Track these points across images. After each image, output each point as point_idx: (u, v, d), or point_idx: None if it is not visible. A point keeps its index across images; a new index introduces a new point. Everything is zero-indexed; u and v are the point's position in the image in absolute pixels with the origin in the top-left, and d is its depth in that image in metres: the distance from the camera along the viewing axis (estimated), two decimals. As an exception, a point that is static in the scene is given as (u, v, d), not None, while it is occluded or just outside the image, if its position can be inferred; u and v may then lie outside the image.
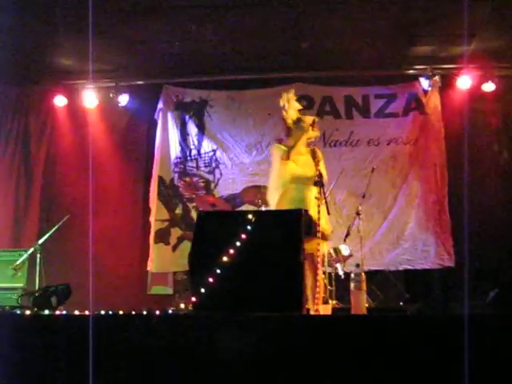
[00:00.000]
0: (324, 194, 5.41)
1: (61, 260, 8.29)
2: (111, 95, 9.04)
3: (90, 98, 9.08)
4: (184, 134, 9.18)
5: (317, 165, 5.54)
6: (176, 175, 9.11)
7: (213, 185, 9.01)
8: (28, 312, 4.97)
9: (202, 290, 3.96)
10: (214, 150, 9.07)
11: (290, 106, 5.89)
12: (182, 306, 7.25)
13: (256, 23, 7.64)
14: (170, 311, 7.15)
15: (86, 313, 4.48)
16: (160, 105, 9.26)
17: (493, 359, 3.14)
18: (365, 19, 7.55)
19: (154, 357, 3.40)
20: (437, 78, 8.61)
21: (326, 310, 5.50)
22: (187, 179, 9.07)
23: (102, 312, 4.80)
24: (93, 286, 5.53)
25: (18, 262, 7.32)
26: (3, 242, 8.32)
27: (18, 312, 5.44)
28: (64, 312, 5.37)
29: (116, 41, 8.03)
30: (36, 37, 7.86)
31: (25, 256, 7.26)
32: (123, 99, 9.08)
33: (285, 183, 5.63)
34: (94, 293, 5.56)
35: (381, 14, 7.43)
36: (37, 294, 5.68)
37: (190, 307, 4.43)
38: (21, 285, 7.27)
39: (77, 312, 4.81)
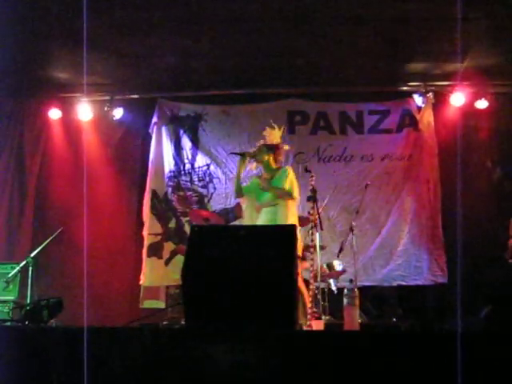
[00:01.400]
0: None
1: (53, 273, 8.26)
2: (106, 109, 9.04)
3: (85, 111, 9.09)
4: (178, 148, 9.18)
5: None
6: (170, 189, 9.11)
7: (206, 199, 9.01)
8: (19, 325, 4.93)
9: (195, 305, 3.95)
10: (208, 165, 9.08)
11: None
12: (175, 320, 7.22)
13: (251, 39, 7.68)
14: (162, 325, 7.11)
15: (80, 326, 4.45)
16: (154, 119, 9.27)
17: (485, 376, 3.14)
18: (359, 36, 7.60)
19: (146, 371, 3.38)
20: (430, 94, 8.66)
21: (318, 325, 5.50)
22: (181, 193, 9.06)
23: (95, 325, 4.77)
24: (86, 299, 5.51)
25: (10, 275, 7.29)
26: (-5, 254, 8.28)
27: (9, 325, 5.40)
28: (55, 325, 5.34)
29: (111, 55, 8.04)
30: (31, 50, 7.86)
31: (17, 269, 7.23)
32: (118, 113, 9.09)
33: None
34: (87, 306, 5.53)
35: (375, 32, 7.47)
36: (28, 308, 5.65)
37: (182, 322, 4.42)
38: (12, 298, 7.23)
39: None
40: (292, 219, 5.82)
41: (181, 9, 7.02)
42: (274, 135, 6.21)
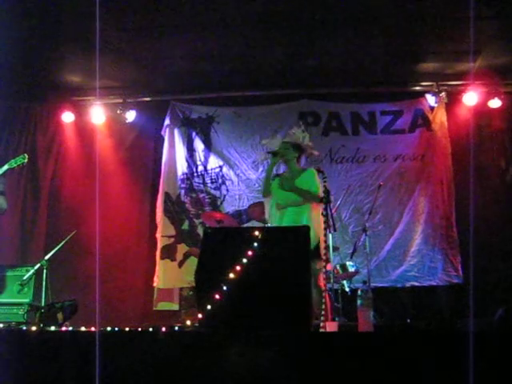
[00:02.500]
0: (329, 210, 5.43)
1: (67, 276, 8.29)
2: (118, 111, 9.07)
3: (98, 114, 9.13)
4: (191, 151, 9.20)
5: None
6: (182, 191, 9.12)
7: (219, 201, 9.02)
8: (34, 328, 4.96)
9: (208, 307, 3.95)
10: (221, 166, 9.09)
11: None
12: (188, 322, 7.23)
13: (263, 41, 7.69)
14: (176, 328, 7.13)
15: (92, 329, 4.47)
16: (167, 121, 9.29)
17: (499, 377, 3.12)
18: (371, 37, 7.58)
19: (160, 373, 3.39)
20: (443, 94, 8.62)
21: (332, 327, 5.48)
22: (194, 195, 9.08)
23: (108, 328, 4.79)
24: (99, 302, 5.53)
25: (24, 278, 7.32)
26: (10, 257, 8.32)
27: (24, 328, 5.43)
28: (70, 328, 5.36)
29: (123, 58, 8.08)
30: (44, 54, 7.91)
31: (31, 271, 7.25)
32: (130, 115, 9.12)
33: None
34: (101, 309, 5.55)
35: (387, 32, 7.45)
36: (43, 310, 5.68)
37: (196, 324, 4.42)
38: (27, 300, 7.25)
39: (83, 328, 4.80)
40: (317, 221, 5.75)
41: (192, 12, 7.04)
42: (304, 136, 6.15)
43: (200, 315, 4.02)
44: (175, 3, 6.88)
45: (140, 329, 5.67)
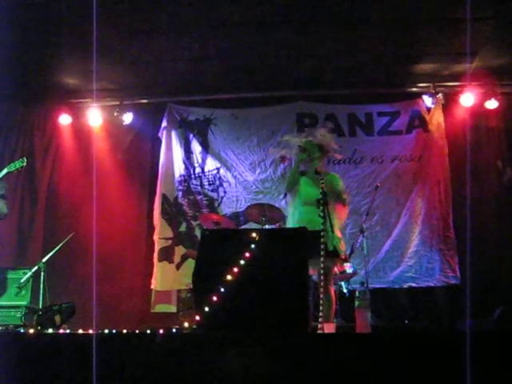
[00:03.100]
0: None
1: (65, 278, 8.28)
2: (115, 114, 9.08)
3: (95, 116, 9.12)
4: (188, 153, 9.20)
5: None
6: (180, 193, 9.12)
7: (216, 203, 9.02)
8: (32, 330, 4.95)
9: (206, 309, 3.95)
10: (218, 168, 9.08)
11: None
12: (186, 324, 7.22)
13: (259, 42, 7.69)
14: (174, 330, 7.12)
15: (90, 331, 4.47)
16: (164, 123, 9.29)
17: (497, 378, 3.12)
18: (368, 38, 7.59)
19: (158, 375, 3.39)
20: (440, 95, 8.64)
21: (330, 328, 5.48)
22: (191, 197, 9.07)
23: (106, 331, 4.78)
24: (96, 304, 5.53)
25: (22, 280, 7.32)
26: (7, 260, 8.30)
27: (22, 330, 5.43)
28: (68, 331, 5.36)
29: (120, 60, 8.08)
30: (41, 56, 7.92)
31: (29, 274, 7.26)
32: (127, 118, 9.12)
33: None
34: (98, 311, 5.54)
35: (383, 33, 7.46)
36: (40, 313, 5.68)
37: (194, 326, 4.42)
38: (25, 303, 7.25)
39: (80, 331, 4.80)
40: (339, 223, 5.76)
41: (188, 14, 7.05)
42: (330, 139, 6.14)
43: (198, 317, 4.02)
44: (172, 5, 6.88)
45: (138, 331, 5.66)
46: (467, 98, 8.53)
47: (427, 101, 8.72)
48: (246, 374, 3.29)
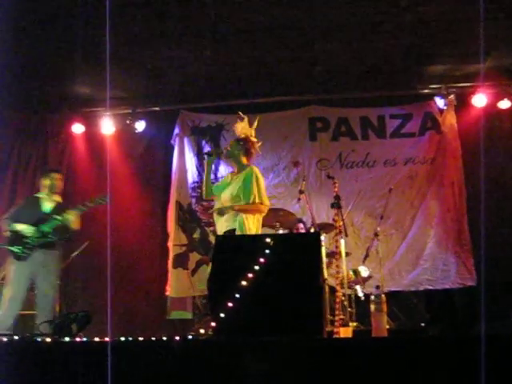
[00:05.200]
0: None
1: (80, 286, 8.32)
2: (128, 122, 9.11)
3: (107, 125, 9.16)
4: (201, 159, 9.19)
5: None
6: (193, 200, 9.13)
7: (230, 209, 9.01)
8: (48, 339, 4.97)
9: (222, 315, 3.95)
10: (231, 174, 9.08)
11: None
12: (202, 331, 7.23)
13: (270, 47, 7.70)
14: (190, 336, 7.13)
15: (106, 339, 4.48)
16: (176, 130, 9.32)
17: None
18: (379, 40, 7.57)
19: (175, 383, 3.38)
20: (452, 96, 8.59)
21: (346, 332, 5.47)
22: (205, 203, 9.07)
23: (122, 338, 4.79)
24: (112, 312, 5.53)
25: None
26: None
27: (39, 339, 5.44)
28: (84, 339, 5.37)
29: (132, 68, 8.12)
30: (54, 66, 7.97)
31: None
32: (140, 125, 9.15)
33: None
34: (114, 319, 5.55)
35: (394, 35, 7.44)
36: (57, 321, 5.69)
37: (210, 332, 4.42)
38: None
39: (97, 339, 4.81)
40: (251, 227, 5.59)
41: (200, 21, 7.07)
42: (242, 127, 6.10)
43: (214, 323, 4.01)
44: (184, 12, 6.91)
45: (154, 338, 5.67)
46: (480, 99, 8.47)
47: (439, 102, 8.69)
48: (263, 380, 3.28)
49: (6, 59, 7.25)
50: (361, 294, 7.24)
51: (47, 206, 6.93)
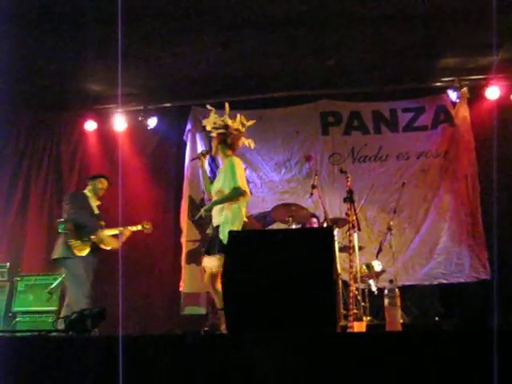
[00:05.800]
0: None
1: (94, 282, 8.35)
2: (140, 118, 9.15)
3: (120, 121, 9.20)
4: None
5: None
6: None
7: (243, 204, 9.01)
8: (64, 335, 5.00)
9: (235, 310, 3.95)
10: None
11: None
12: (216, 326, 7.24)
13: (281, 42, 7.68)
14: (204, 331, 7.14)
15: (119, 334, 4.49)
16: (188, 126, 9.34)
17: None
18: (391, 33, 7.54)
19: (188, 378, 3.39)
20: (465, 89, 8.55)
21: (360, 326, 5.46)
22: (217, 199, 9.07)
23: (135, 334, 4.82)
24: (125, 308, 5.57)
25: (52, 286, 7.42)
26: (38, 266, 8.41)
27: (54, 335, 5.48)
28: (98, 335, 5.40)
29: (144, 64, 8.14)
30: (66, 63, 7.99)
31: (59, 279, 7.34)
32: (152, 122, 9.18)
33: None
34: (128, 315, 5.58)
35: (406, 28, 7.40)
36: (72, 317, 5.72)
37: (224, 327, 4.43)
38: (55, 308, 7.34)
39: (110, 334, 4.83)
40: (234, 220, 5.66)
41: (211, 17, 7.06)
42: (207, 120, 6.05)
43: (227, 318, 4.02)
44: (195, 9, 6.90)
45: (167, 333, 5.69)
46: (492, 91, 8.44)
47: (452, 95, 8.64)
48: (276, 375, 3.28)
49: (18, 58, 7.31)
50: (374, 289, 7.23)
51: (94, 206, 7.13)
